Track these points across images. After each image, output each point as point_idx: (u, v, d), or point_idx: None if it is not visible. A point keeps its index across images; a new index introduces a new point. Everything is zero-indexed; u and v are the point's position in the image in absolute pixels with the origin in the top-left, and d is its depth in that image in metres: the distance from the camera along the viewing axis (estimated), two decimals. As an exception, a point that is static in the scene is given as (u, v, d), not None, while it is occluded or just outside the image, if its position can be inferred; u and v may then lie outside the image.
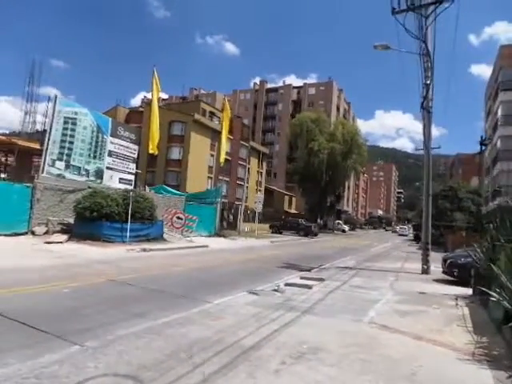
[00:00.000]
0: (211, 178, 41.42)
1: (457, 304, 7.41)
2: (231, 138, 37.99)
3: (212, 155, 41.42)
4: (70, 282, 7.68)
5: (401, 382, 3.68)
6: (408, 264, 15.87)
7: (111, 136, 18.83)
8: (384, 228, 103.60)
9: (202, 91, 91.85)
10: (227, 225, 29.96)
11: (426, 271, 12.47)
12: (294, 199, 66.67)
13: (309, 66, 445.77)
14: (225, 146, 25.51)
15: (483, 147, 16.65)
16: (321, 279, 10.09)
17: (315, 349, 4.48)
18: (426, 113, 12.92)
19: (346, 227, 60.23)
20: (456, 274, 10.09)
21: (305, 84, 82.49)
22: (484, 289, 5.74)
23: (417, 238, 40.23)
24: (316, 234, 38.47)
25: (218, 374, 3.62)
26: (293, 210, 63.77)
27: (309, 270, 12.61)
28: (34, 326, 4.85)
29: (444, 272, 11.18)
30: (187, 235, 21.09)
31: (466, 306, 7.22)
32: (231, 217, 32.10)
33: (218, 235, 25.01)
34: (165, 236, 18.74)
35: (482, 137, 17.88)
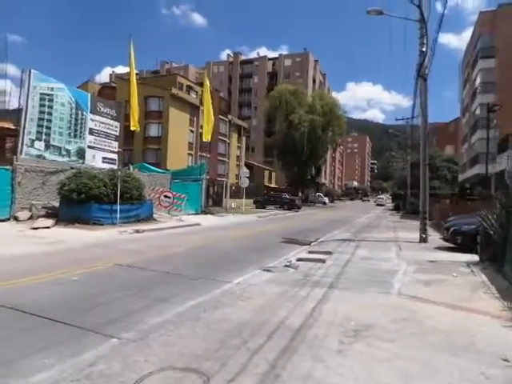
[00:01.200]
0: (192, 154, 40.49)
1: (472, 271, 7.52)
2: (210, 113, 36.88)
3: (192, 131, 40.30)
4: (75, 269, 7.23)
5: (465, 354, 3.61)
6: (401, 233, 16.16)
7: (91, 113, 17.72)
8: (361, 199, 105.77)
9: (174, 64, 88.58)
10: (213, 202, 29.60)
11: (424, 240, 12.70)
12: (273, 173, 66.61)
13: (279, 37, 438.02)
14: (210, 119, 24.62)
15: (490, 114, 16.80)
16: (328, 252, 10.05)
17: (364, 325, 4.36)
18: (422, 80, 12.77)
19: (327, 199, 61.02)
20: (460, 241, 10.29)
21: (280, 55, 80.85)
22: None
23: (397, 208, 41.30)
24: (299, 208, 38.69)
25: (283, 360, 3.42)
26: (273, 185, 63.83)
27: (308, 244, 12.57)
28: (59, 320, 4.48)
29: (446, 239, 11.39)
30: (175, 214, 20.61)
31: (481, 273, 7.33)
32: (215, 193, 31.74)
33: (205, 212, 24.63)
34: (154, 216, 18.23)
35: (488, 104, 17.95)
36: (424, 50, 12.49)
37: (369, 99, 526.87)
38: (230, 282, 6.74)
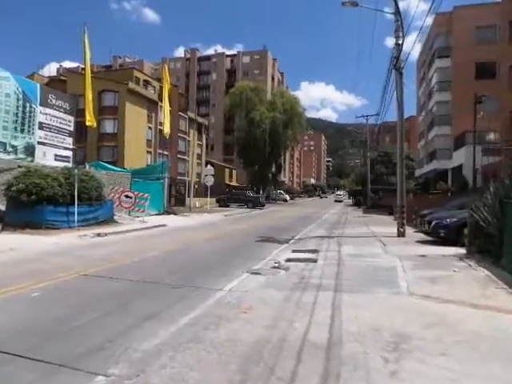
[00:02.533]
0: (151, 152, 38.65)
1: (469, 265, 7.30)
2: (169, 108, 35.39)
3: (150, 128, 38.46)
4: (34, 283, 6.07)
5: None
6: (374, 228, 16.07)
7: (41, 105, 15.90)
8: (319, 196, 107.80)
9: (128, 59, 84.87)
10: (175, 201, 28.34)
11: (402, 234, 12.59)
12: (234, 172, 65.84)
13: (234, 36, 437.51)
14: (168, 116, 23.38)
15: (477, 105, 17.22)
16: (314, 251, 9.55)
17: (399, 336, 3.79)
18: (398, 74, 12.64)
19: (288, 197, 61.31)
20: (443, 234, 10.19)
21: (239, 52, 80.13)
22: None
23: (358, 204, 42.13)
24: (263, 205, 38.34)
25: (330, 392, 2.73)
26: (234, 183, 63.10)
27: (287, 242, 12.05)
28: (21, 354, 3.45)
29: (427, 233, 11.30)
30: (137, 215, 19.28)
31: (479, 267, 7.11)
32: (178, 192, 30.47)
33: (168, 213, 23.40)
34: (114, 217, 16.86)
35: (475, 94, 18.32)
36: (400, 43, 12.35)
37: (322, 99, 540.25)
38: (221, 289, 5.96)
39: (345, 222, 21.28)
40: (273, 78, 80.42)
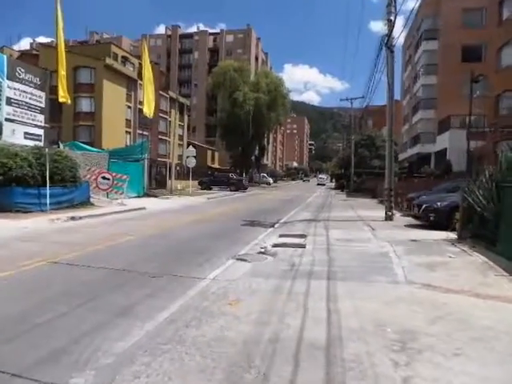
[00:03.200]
0: (130, 132, 37.26)
1: (464, 250, 7.04)
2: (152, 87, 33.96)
3: (129, 107, 36.94)
4: (-6, 272, 5.44)
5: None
6: (361, 212, 15.84)
7: (8, 79, 14.66)
8: (302, 179, 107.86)
9: (105, 35, 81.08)
10: (156, 183, 27.47)
11: (390, 218, 12.34)
12: (216, 154, 64.79)
13: (216, 14, 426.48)
14: (151, 94, 22.32)
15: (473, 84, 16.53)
16: (302, 235, 9.15)
17: (404, 332, 3.40)
18: (389, 52, 12.13)
19: (271, 180, 60.90)
20: (433, 218, 9.94)
21: (222, 31, 77.67)
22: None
23: (341, 187, 42.07)
24: (246, 188, 37.84)
25: (336, 407, 2.30)
26: (216, 165, 62.15)
27: (272, 226, 11.63)
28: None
29: (416, 217, 11.06)
30: (115, 197, 18.48)
31: (475, 252, 6.85)
32: (158, 174, 29.55)
33: (149, 195, 22.64)
34: (91, 200, 16.06)
35: (472, 73, 17.91)
36: (392, 19, 11.79)
37: (305, 82, 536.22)
38: (204, 278, 5.48)
39: (329, 205, 21.03)
40: (257, 58, 78.66)
